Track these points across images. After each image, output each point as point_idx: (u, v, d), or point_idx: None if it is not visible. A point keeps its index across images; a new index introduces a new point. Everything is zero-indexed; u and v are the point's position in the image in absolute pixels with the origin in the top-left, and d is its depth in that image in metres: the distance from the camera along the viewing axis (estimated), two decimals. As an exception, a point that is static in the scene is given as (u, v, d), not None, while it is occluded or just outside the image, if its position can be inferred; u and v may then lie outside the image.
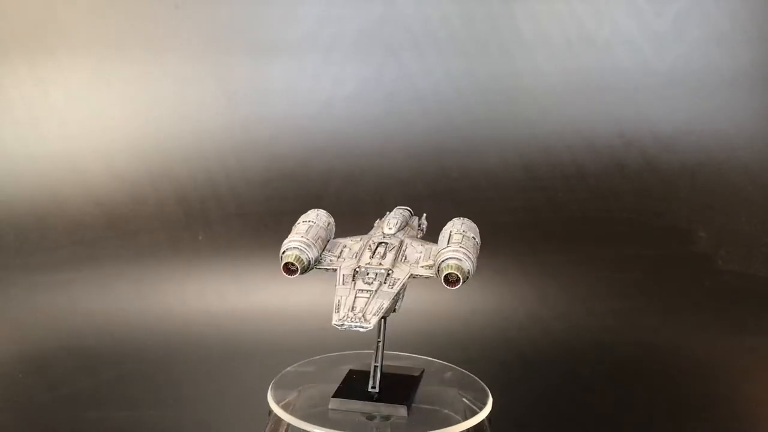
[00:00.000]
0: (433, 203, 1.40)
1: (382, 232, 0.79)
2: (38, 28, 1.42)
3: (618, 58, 1.45)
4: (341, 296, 0.69)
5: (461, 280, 0.70)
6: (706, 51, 1.45)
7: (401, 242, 0.76)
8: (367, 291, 0.69)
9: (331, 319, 0.67)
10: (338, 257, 0.75)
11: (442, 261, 0.71)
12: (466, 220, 0.79)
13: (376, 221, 0.84)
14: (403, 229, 0.81)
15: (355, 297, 0.69)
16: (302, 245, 0.73)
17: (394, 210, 0.84)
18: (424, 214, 0.87)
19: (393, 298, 0.70)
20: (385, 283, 0.70)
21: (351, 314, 0.67)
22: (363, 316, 0.67)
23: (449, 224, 0.78)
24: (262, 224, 1.38)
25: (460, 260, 0.70)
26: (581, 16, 1.44)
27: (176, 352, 1.19)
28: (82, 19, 1.43)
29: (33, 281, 1.32)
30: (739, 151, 1.44)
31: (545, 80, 1.44)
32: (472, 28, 1.44)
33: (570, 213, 1.42)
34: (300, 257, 0.72)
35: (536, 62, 1.44)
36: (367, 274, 0.71)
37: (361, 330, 0.66)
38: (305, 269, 0.73)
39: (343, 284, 0.70)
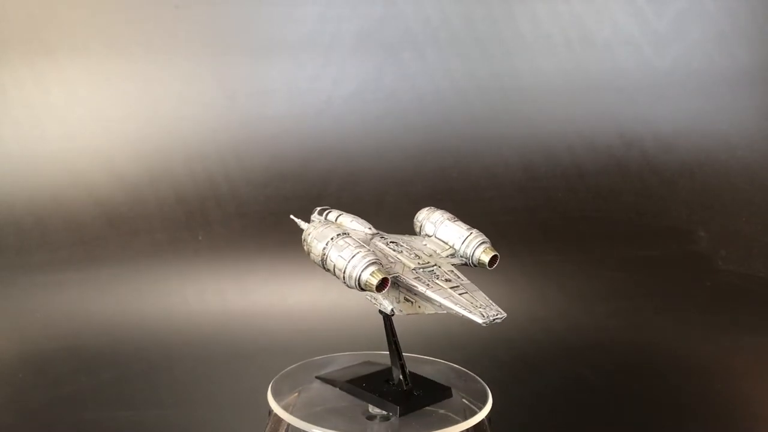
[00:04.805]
0: (433, 203, 1.41)
1: (367, 231, 0.78)
2: (38, 28, 1.42)
3: (618, 58, 1.45)
4: (450, 298, 0.69)
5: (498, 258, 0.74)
6: (706, 51, 1.45)
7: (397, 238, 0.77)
8: (455, 287, 0.70)
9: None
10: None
11: (477, 247, 0.75)
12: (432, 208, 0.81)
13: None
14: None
15: (460, 294, 0.69)
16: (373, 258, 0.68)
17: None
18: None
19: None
20: (440, 276, 0.72)
21: (482, 310, 0.67)
22: (490, 306, 0.68)
23: (425, 215, 0.81)
24: (263, 224, 1.38)
25: (488, 241, 0.75)
26: (581, 16, 1.44)
27: (176, 353, 1.19)
28: (82, 19, 1.43)
29: (33, 281, 1.32)
30: (739, 151, 1.44)
31: (545, 80, 1.45)
32: (472, 28, 1.44)
33: (570, 213, 1.42)
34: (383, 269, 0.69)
35: (536, 62, 1.44)
36: (431, 271, 0.72)
37: (501, 318, 0.67)
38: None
39: (430, 288, 0.70)
